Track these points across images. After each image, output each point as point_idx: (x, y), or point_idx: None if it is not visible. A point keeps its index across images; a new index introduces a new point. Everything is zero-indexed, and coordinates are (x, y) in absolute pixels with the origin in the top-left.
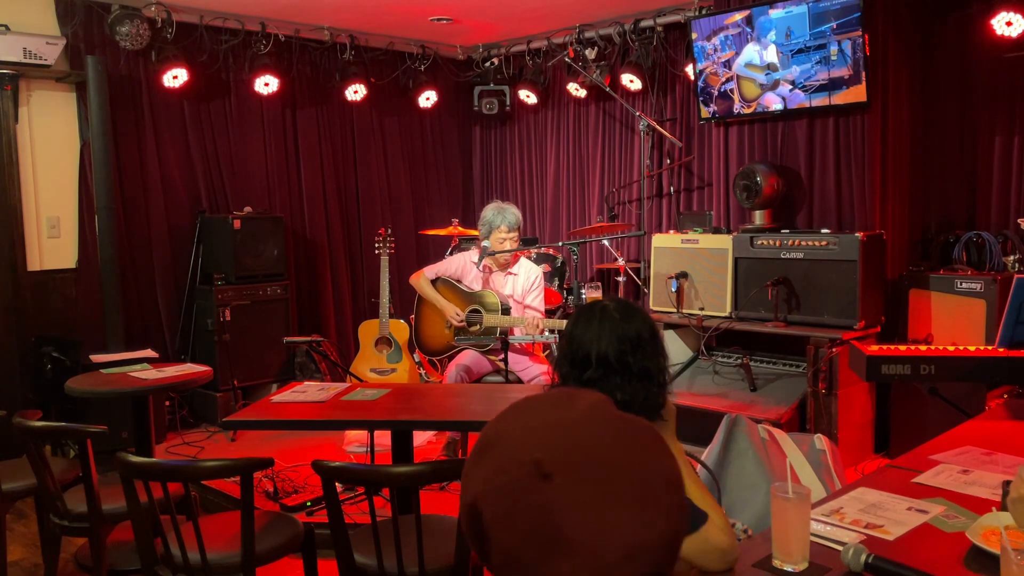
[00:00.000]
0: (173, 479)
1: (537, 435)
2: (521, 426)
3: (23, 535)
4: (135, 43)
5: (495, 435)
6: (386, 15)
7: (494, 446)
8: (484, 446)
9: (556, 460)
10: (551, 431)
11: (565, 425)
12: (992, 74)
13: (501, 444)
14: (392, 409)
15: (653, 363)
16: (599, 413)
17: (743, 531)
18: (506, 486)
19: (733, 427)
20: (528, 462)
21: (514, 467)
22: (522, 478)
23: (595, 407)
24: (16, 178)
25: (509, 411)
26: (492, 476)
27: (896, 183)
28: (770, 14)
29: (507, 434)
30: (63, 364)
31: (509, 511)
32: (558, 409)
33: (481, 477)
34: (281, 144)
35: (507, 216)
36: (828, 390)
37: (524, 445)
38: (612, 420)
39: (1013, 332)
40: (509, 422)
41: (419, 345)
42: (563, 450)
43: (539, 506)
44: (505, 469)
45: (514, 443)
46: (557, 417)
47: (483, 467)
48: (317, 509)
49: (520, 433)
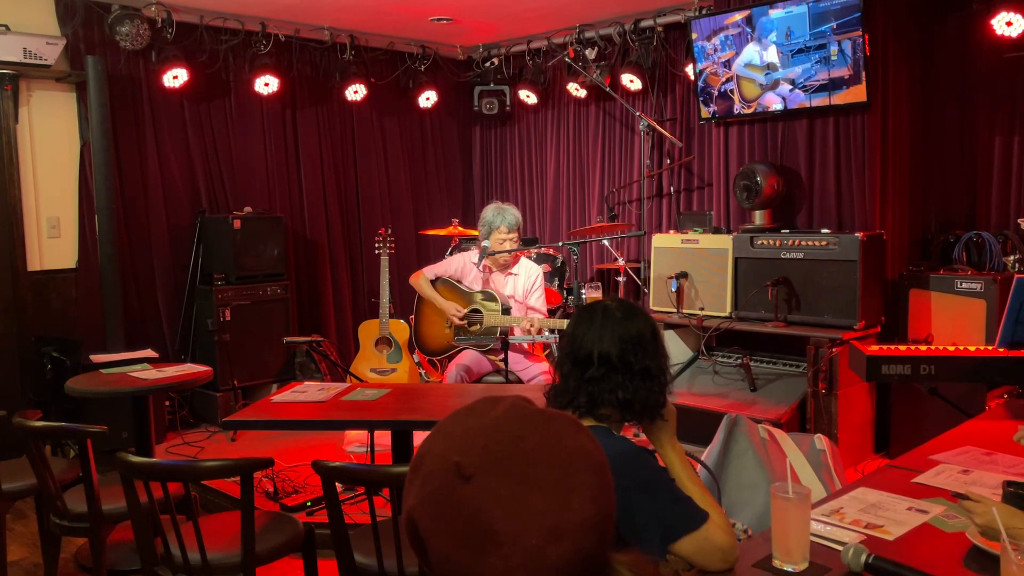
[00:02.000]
0: (173, 479)
1: (457, 441)
2: (444, 437)
3: (23, 535)
4: (135, 43)
5: (424, 451)
6: (386, 15)
7: (423, 461)
8: (416, 463)
9: (474, 461)
10: (469, 436)
11: (481, 428)
12: (992, 74)
13: (428, 457)
14: (392, 409)
15: (654, 363)
16: (515, 412)
17: (743, 531)
18: (434, 493)
19: (733, 427)
20: (449, 466)
21: (439, 474)
22: (446, 483)
23: (512, 408)
24: (16, 178)
25: (436, 428)
26: (422, 486)
27: (896, 183)
28: (770, 14)
29: (432, 447)
30: (63, 364)
31: (439, 515)
32: (476, 416)
33: (414, 491)
34: (281, 144)
35: (507, 217)
36: (828, 390)
37: (446, 452)
38: (528, 416)
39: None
40: (434, 437)
41: (419, 345)
42: (480, 450)
43: (464, 505)
44: (432, 477)
45: (437, 452)
46: (474, 423)
47: (414, 483)
48: (317, 509)
49: (443, 443)
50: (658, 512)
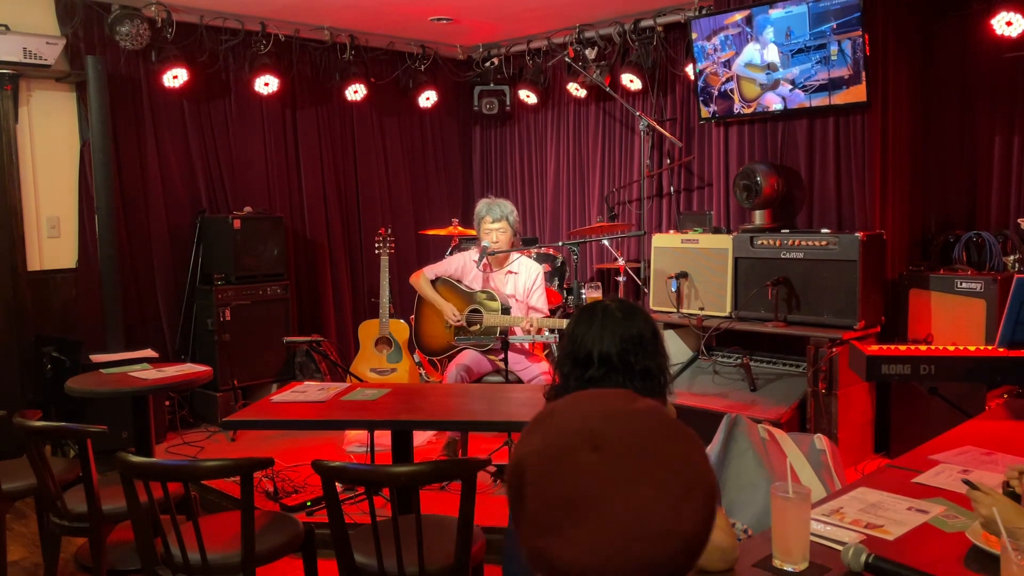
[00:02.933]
0: (173, 479)
1: (596, 415)
2: (581, 406)
3: (23, 535)
4: (135, 43)
5: (560, 409)
6: (386, 15)
7: (552, 418)
8: (543, 418)
9: (609, 436)
10: (608, 416)
11: (622, 413)
12: (992, 74)
13: (562, 416)
14: (392, 409)
15: (654, 362)
16: (655, 413)
17: (743, 531)
18: (557, 448)
19: (733, 427)
20: (585, 430)
21: (570, 432)
22: (575, 443)
23: (653, 408)
24: (16, 178)
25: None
26: (547, 438)
27: (896, 183)
28: (770, 14)
29: (567, 410)
30: (63, 364)
31: (553, 470)
32: (617, 401)
33: (536, 440)
34: (281, 144)
35: (493, 208)
36: (828, 390)
37: (584, 416)
38: (667, 421)
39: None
40: (570, 403)
41: (419, 345)
42: (617, 430)
43: (582, 470)
44: (561, 432)
45: (575, 416)
46: (615, 407)
47: (539, 433)
48: (317, 509)
49: (581, 410)
50: None
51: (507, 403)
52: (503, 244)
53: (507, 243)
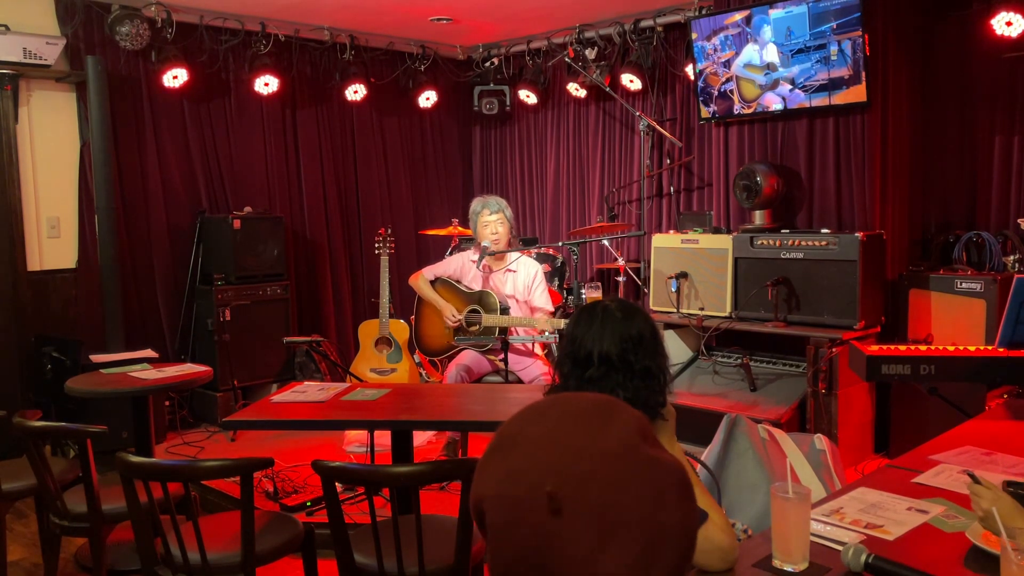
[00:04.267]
0: (173, 479)
1: (558, 455)
2: (548, 437)
3: (23, 535)
4: (135, 43)
5: (519, 435)
6: (386, 15)
7: (515, 447)
8: (507, 442)
9: (570, 496)
10: (572, 456)
11: (591, 456)
12: (992, 74)
13: (522, 449)
14: (392, 409)
15: (654, 362)
16: (630, 452)
17: (743, 531)
18: (515, 501)
19: (733, 427)
20: (543, 490)
21: (527, 486)
22: (532, 501)
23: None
24: (16, 178)
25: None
26: (505, 481)
27: (896, 183)
28: (770, 14)
29: (532, 440)
30: (63, 364)
31: (510, 525)
32: (585, 432)
33: (495, 478)
34: (281, 144)
35: (488, 203)
36: (828, 390)
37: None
38: (641, 463)
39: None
40: (537, 426)
41: (419, 345)
42: (581, 484)
43: (539, 533)
44: (518, 480)
45: (536, 455)
46: (583, 442)
47: (499, 467)
48: (317, 509)
49: (545, 446)
50: None
51: (507, 403)
52: (502, 236)
53: (506, 235)
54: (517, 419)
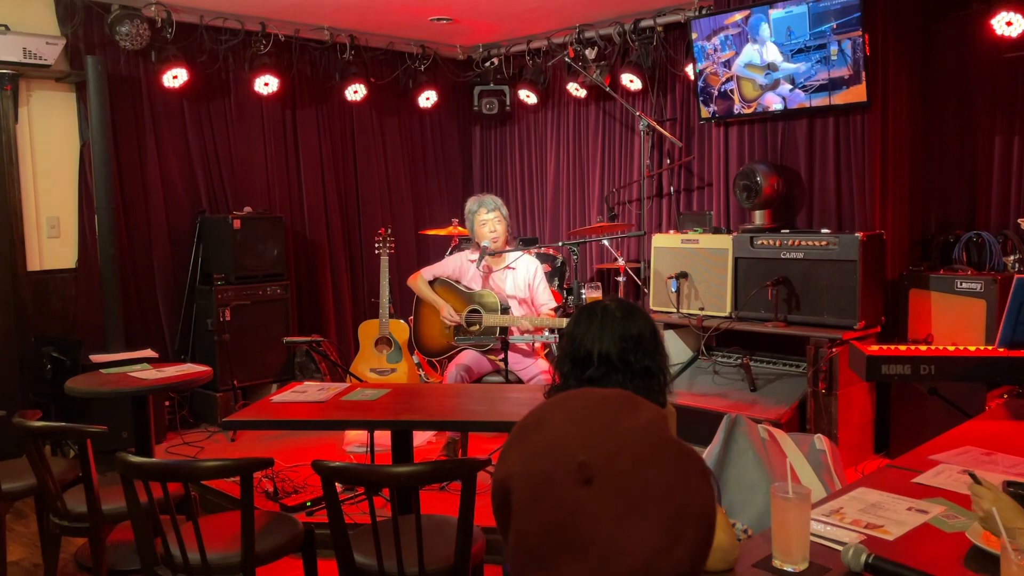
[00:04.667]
0: (173, 479)
1: (586, 434)
2: (576, 418)
3: (23, 535)
4: (135, 43)
5: (543, 419)
6: (386, 15)
7: (540, 430)
8: (530, 427)
9: (600, 467)
10: (601, 435)
11: (619, 434)
12: (992, 74)
13: (550, 429)
14: (392, 409)
15: (654, 362)
16: (654, 431)
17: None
18: (544, 475)
19: (733, 427)
20: (574, 460)
21: (558, 459)
22: (562, 473)
23: (653, 424)
24: (16, 178)
25: (563, 400)
26: (533, 459)
27: (896, 183)
28: (770, 14)
29: (557, 422)
30: (63, 364)
31: (540, 500)
32: (613, 414)
33: (522, 456)
34: (281, 144)
35: (484, 201)
36: (828, 390)
37: (574, 440)
38: (666, 443)
39: (1013, 332)
40: (561, 411)
41: (419, 346)
42: (609, 459)
43: (570, 505)
44: (548, 456)
45: (564, 433)
46: (610, 422)
47: (526, 446)
48: (317, 509)
49: (574, 425)
50: None
51: (507, 403)
52: (501, 233)
53: (504, 232)
54: (539, 408)
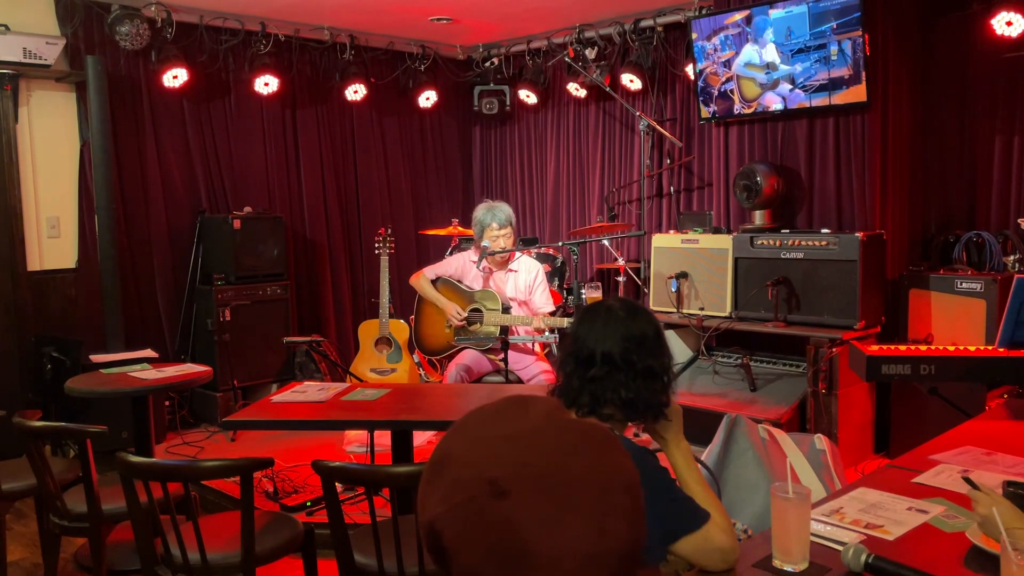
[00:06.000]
0: (173, 479)
1: (491, 449)
2: (473, 441)
3: (23, 535)
4: (135, 43)
5: (448, 453)
6: (386, 15)
7: (448, 464)
8: (438, 464)
9: (511, 476)
10: (505, 444)
11: (519, 437)
12: (992, 74)
13: (454, 462)
14: (392, 409)
15: (657, 362)
16: (552, 421)
17: (743, 531)
18: (463, 505)
19: (733, 427)
20: (484, 480)
21: (470, 485)
22: (479, 496)
23: (548, 416)
24: (16, 178)
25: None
26: (449, 495)
27: (896, 183)
28: (770, 14)
29: (460, 451)
30: (63, 364)
31: (469, 529)
32: (510, 421)
33: (438, 497)
34: (281, 144)
35: (497, 214)
36: (828, 390)
37: (479, 461)
38: (566, 427)
39: (1013, 332)
40: (460, 438)
41: (419, 345)
42: (518, 464)
43: (498, 523)
44: (461, 487)
45: (468, 459)
46: (510, 429)
47: (439, 486)
48: (317, 509)
49: (473, 449)
50: (658, 512)
51: None
52: (508, 246)
53: (511, 245)
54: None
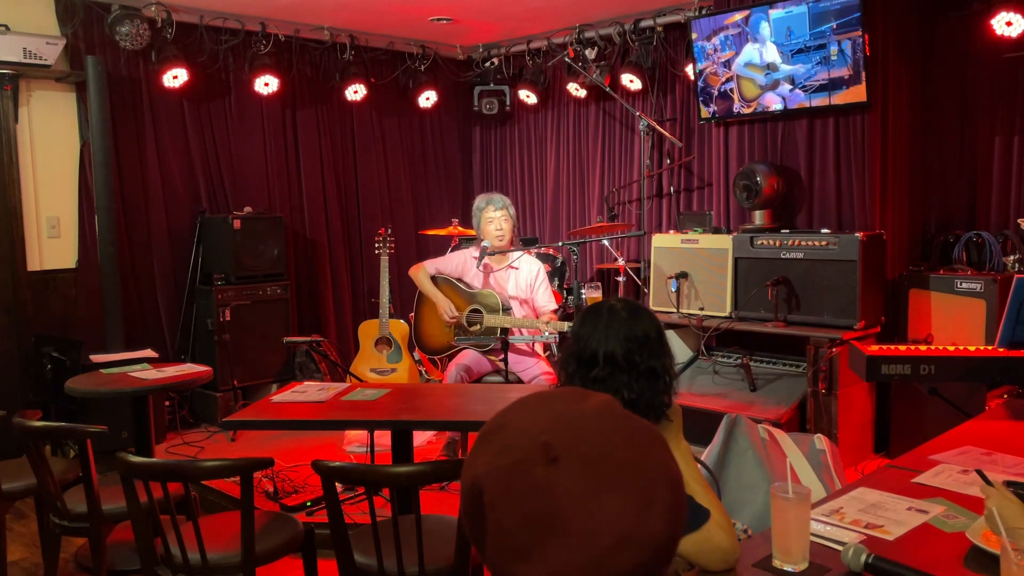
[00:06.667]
0: (173, 479)
1: (546, 422)
2: (530, 414)
3: (23, 535)
4: (135, 43)
5: (503, 423)
6: (386, 15)
7: (501, 431)
8: (491, 431)
9: (563, 446)
10: (560, 421)
11: (574, 417)
12: (992, 74)
13: (509, 429)
14: (392, 409)
15: (659, 363)
16: (608, 411)
17: (743, 531)
18: (511, 465)
19: (733, 427)
20: (538, 444)
21: (521, 447)
22: (528, 458)
23: (604, 405)
24: (16, 178)
25: (518, 402)
26: (498, 456)
27: (896, 183)
28: (770, 14)
29: (516, 421)
30: (63, 364)
31: (511, 489)
32: (568, 404)
33: (486, 458)
34: (281, 144)
35: (493, 199)
36: (828, 390)
37: (535, 429)
38: (620, 418)
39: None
40: (518, 411)
41: (419, 344)
42: (571, 438)
43: (541, 487)
44: (512, 448)
45: (523, 427)
46: (567, 410)
47: (489, 449)
48: (317, 509)
49: (529, 420)
50: None
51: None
52: (507, 232)
53: (510, 231)
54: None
